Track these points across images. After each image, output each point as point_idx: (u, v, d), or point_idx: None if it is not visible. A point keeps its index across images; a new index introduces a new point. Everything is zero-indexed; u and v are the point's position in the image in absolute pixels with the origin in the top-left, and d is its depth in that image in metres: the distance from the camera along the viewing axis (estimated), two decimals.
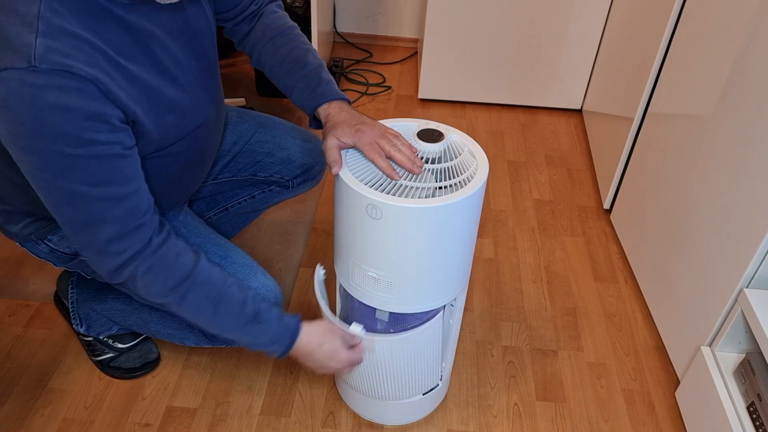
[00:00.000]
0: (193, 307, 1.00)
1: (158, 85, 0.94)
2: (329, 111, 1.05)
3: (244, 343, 1.07)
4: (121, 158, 0.88)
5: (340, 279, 1.12)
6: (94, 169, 0.86)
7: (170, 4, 0.90)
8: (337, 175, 0.99)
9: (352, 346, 1.10)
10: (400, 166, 0.97)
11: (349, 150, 1.02)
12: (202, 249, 1.14)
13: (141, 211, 0.92)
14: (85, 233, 0.91)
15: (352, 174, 0.97)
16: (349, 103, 1.08)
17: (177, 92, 0.98)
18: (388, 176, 0.96)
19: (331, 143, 1.00)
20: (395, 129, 1.02)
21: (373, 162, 0.97)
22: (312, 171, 1.38)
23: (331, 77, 1.12)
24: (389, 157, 0.97)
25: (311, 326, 1.08)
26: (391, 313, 1.10)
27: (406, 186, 0.96)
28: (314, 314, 1.53)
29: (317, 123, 1.09)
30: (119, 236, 0.91)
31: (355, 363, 1.11)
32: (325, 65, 1.14)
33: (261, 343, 1.06)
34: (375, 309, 1.11)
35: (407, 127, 1.05)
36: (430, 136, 1.02)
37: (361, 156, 1.01)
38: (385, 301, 1.06)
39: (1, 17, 0.80)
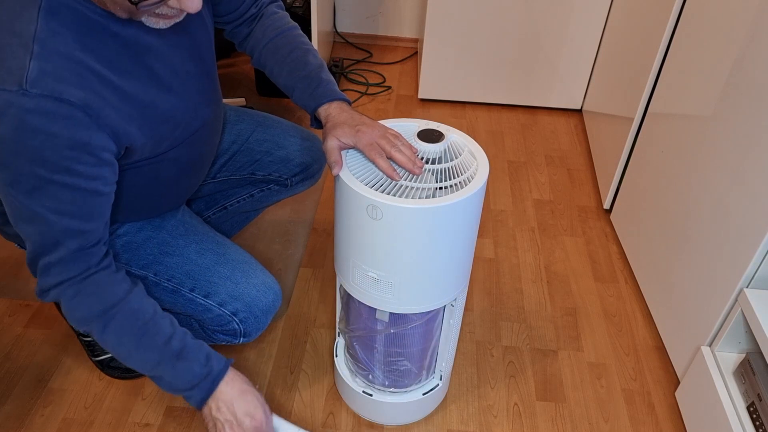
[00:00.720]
0: (115, 336, 0.96)
1: (153, 98, 0.94)
2: (329, 111, 1.06)
3: (166, 383, 1.00)
4: (95, 195, 0.88)
5: (340, 279, 1.12)
6: (64, 198, 0.86)
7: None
8: (337, 176, 0.99)
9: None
10: (400, 166, 0.97)
11: (350, 150, 1.02)
12: (201, 247, 1.14)
13: (90, 244, 0.92)
14: (33, 250, 0.92)
15: (353, 174, 0.97)
16: (350, 103, 1.09)
17: (172, 102, 0.98)
18: (388, 177, 0.96)
19: (332, 144, 1.00)
20: (395, 129, 1.02)
21: (373, 162, 0.97)
22: (311, 169, 1.38)
23: (332, 77, 1.12)
24: (390, 158, 0.97)
25: (237, 373, 1.03)
26: (391, 313, 1.10)
27: (407, 186, 0.96)
28: (313, 314, 1.53)
29: (318, 123, 1.09)
30: (61, 262, 0.91)
31: None
32: (326, 65, 1.14)
33: (183, 383, 0.99)
34: (375, 309, 1.11)
35: (407, 127, 1.05)
36: (430, 136, 1.02)
37: (361, 156, 1.01)
38: (385, 301, 1.06)
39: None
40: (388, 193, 0.94)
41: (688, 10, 1.45)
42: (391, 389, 1.24)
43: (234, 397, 1.01)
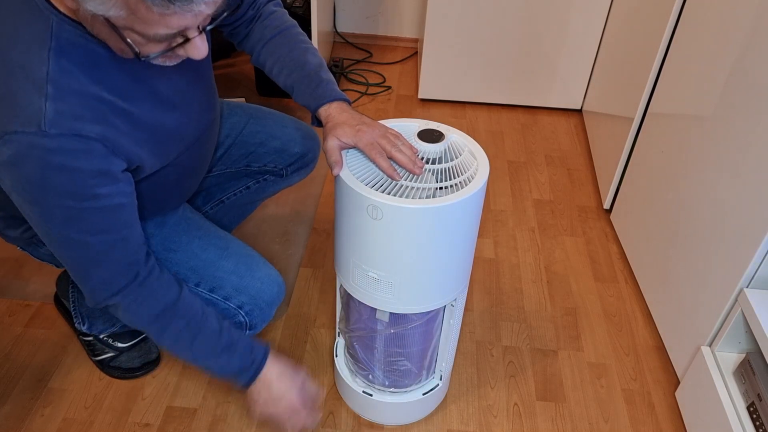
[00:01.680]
0: (173, 337, 1.03)
1: (160, 119, 0.96)
2: (330, 111, 1.06)
3: (215, 371, 1.09)
4: (121, 208, 0.92)
5: (341, 279, 1.12)
6: (95, 219, 0.90)
7: None
8: (337, 176, 0.99)
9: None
10: (401, 166, 0.97)
11: (350, 150, 1.02)
12: (204, 242, 1.15)
13: (132, 250, 0.96)
14: (79, 273, 0.96)
15: (353, 174, 0.97)
16: (350, 103, 1.09)
17: (177, 119, 1.00)
18: (389, 176, 0.96)
19: (332, 144, 1.00)
20: (395, 129, 1.02)
21: (374, 162, 0.97)
22: (305, 158, 1.38)
23: (332, 77, 1.12)
24: (390, 158, 0.97)
25: (276, 358, 1.11)
26: (391, 314, 1.10)
27: (407, 186, 0.96)
28: (313, 314, 1.53)
29: (319, 123, 1.09)
30: (111, 276, 0.96)
31: (303, 414, 1.11)
32: (325, 64, 1.14)
33: (231, 371, 1.08)
34: (375, 310, 1.11)
35: (407, 127, 1.05)
36: (430, 136, 1.02)
37: (361, 156, 1.01)
38: (385, 301, 1.06)
39: (12, 81, 0.81)
40: (389, 193, 0.94)
41: (688, 10, 1.45)
42: (391, 389, 1.24)
43: (272, 380, 1.09)
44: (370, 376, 1.24)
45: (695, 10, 1.41)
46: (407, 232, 0.96)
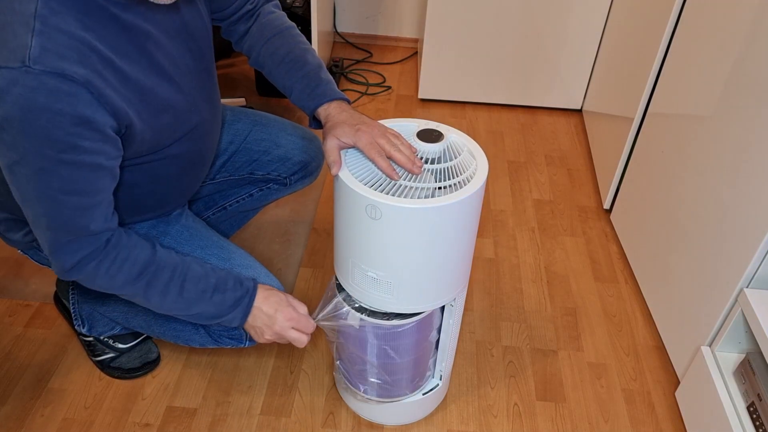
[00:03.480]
0: (161, 290, 1.01)
1: (153, 84, 0.94)
2: (329, 111, 1.06)
3: (211, 314, 1.07)
4: (100, 169, 0.89)
5: (340, 279, 1.12)
6: (71, 177, 0.87)
7: (166, 4, 0.91)
8: (336, 176, 0.99)
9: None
10: (399, 166, 0.97)
11: (349, 150, 1.02)
12: (206, 253, 1.14)
13: (103, 217, 0.94)
14: (47, 232, 0.93)
15: (352, 174, 0.97)
16: (349, 102, 1.09)
17: (172, 92, 0.98)
18: (387, 176, 0.96)
19: (331, 143, 1.00)
20: (395, 129, 1.02)
21: (373, 161, 0.97)
22: (309, 167, 1.38)
23: (331, 77, 1.12)
24: (389, 157, 0.97)
25: (261, 285, 1.10)
26: (379, 330, 1.10)
27: (406, 186, 0.96)
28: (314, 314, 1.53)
29: (317, 123, 1.09)
30: (79, 238, 0.93)
31: (303, 320, 1.11)
32: (324, 65, 1.14)
33: (227, 307, 1.06)
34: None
35: (407, 127, 1.05)
36: (429, 136, 1.02)
37: (360, 156, 1.01)
38: (384, 301, 1.06)
39: (0, 16, 0.80)
40: (387, 193, 0.94)
41: (688, 10, 1.45)
42: (383, 399, 1.24)
43: (261, 304, 1.08)
44: (362, 391, 1.23)
45: (695, 10, 1.41)
46: (406, 232, 0.96)
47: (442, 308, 1.16)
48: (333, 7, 2.54)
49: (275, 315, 1.08)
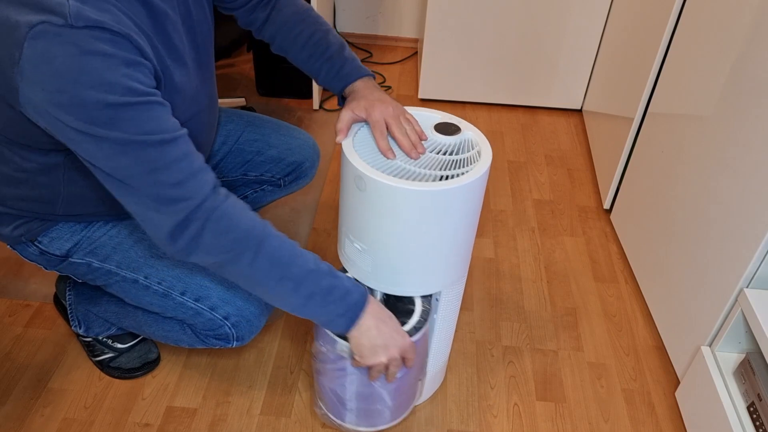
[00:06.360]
0: (271, 257, 0.92)
1: (169, 64, 0.94)
2: (354, 87, 1.10)
3: (316, 304, 0.97)
4: (163, 105, 0.86)
5: (338, 250, 1.15)
6: (141, 118, 0.83)
7: None
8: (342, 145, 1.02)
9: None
10: (399, 147, 1.00)
11: (366, 125, 1.06)
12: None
13: (195, 153, 0.88)
14: (144, 186, 0.86)
15: (360, 147, 1.00)
16: (373, 77, 1.12)
17: (183, 75, 0.98)
18: (382, 154, 0.99)
19: (345, 114, 1.04)
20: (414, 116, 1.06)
21: (374, 138, 1.00)
22: (302, 168, 1.38)
23: (354, 54, 1.15)
24: (393, 137, 1.00)
25: (372, 301, 1.02)
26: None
27: (409, 170, 0.98)
28: None
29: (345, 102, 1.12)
30: (180, 181, 0.86)
31: (409, 353, 1.03)
32: (346, 43, 1.17)
33: (335, 298, 0.97)
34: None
35: (430, 117, 1.08)
36: (446, 129, 1.05)
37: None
38: (366, 274, 1.08)
39: None
40: (384, 171, 0.96)
41: (688, 10, 1.45)
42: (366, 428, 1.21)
43: (376, 312, 1.00)
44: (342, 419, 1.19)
45: (695, 10, 1.41)
46: (387, 209, 0.97)
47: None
48: (333, 7, 2.54)
49: (388, 342, 1.01)
